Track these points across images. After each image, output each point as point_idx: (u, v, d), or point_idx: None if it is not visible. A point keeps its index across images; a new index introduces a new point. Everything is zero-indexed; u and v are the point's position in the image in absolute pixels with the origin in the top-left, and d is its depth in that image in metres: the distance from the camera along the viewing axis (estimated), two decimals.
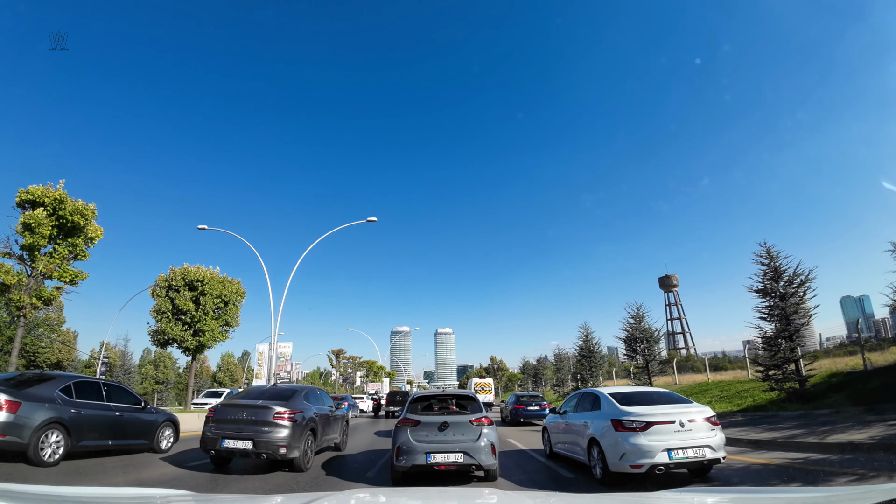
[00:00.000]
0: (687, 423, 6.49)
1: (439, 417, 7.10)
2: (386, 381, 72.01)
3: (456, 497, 3.00)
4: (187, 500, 2.37)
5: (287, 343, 29.84)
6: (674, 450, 6.28)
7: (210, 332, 19.51)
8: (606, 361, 34.80)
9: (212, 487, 6.83)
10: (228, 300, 20.27)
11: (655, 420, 6.48)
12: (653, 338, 24.47)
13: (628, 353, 25.37)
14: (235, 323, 20.70)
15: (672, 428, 6.43)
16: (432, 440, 6.78)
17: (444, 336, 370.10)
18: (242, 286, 21.51)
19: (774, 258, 17.25)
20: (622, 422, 6.65)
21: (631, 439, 6.43)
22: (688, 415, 6.62)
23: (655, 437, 6.39)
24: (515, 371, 74.47)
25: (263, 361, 28.13)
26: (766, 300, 17.28)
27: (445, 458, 6.62)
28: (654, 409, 6.78)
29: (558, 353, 40.73)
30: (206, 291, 19.45)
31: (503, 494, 2.90)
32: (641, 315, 25.14)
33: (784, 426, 12.25)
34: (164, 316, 19.36)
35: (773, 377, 16.64)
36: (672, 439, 6.37)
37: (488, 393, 37.12)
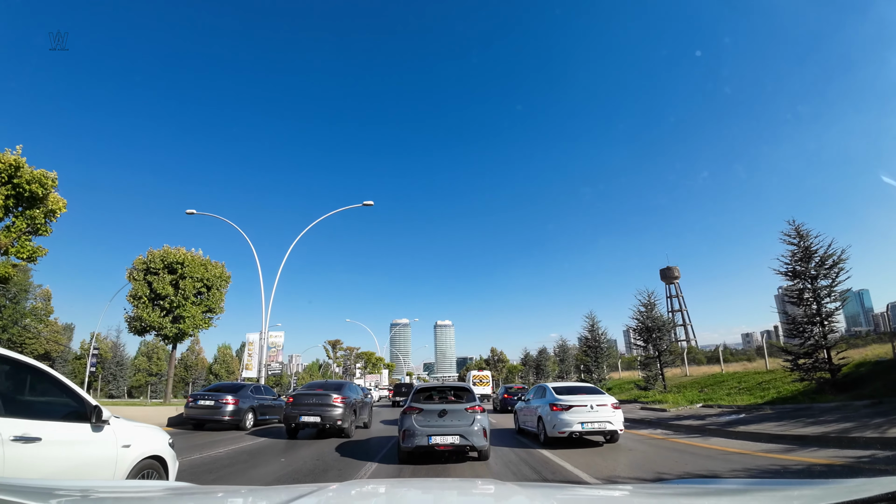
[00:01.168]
0: (596, 407, 9.86)
1: (439, 406, 8.24)
2: (385, 372, 70.86)
3: (454, 486, 3.10)
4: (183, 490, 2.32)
5: (279, 333, 28.29)
6: (585, 422, 9.67)
7: (190, 319, 17.99)
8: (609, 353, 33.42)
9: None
10: (211, 284, 18.73)
11: (574, 404, 9.88)
12: (665, 327, 23.08)
13: (638, 342, 23.97)
14: (219, 309, 19.17)
15: (585, 409, 9.80)
16: (433, 425, 7.91)
17: (444, 328, 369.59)
18: (227, 270, 19.97)
19: (804, 237, 15.81)
20: (555, 405, 10.07)
21: (559, 416, 9.84)
22: (598, 401, 10.00)
23: (574, 414, 9.76)
24: (516, 363, 73.53)
25: (254, 352, 26.63)
26: (795, 283, 15.88)
27: (444, 439, 7.76)
28: (576, 397, 10.18)
29: (562, 344, 39.42)
30: (186, 274, 17.91)
31: (500, 485, 2.87)
32: (653, 303, 23.73)
33: (827, 419, 11.03)
34: (141, 301, 17.86)
35: (803, 366, 15.29)
36: (584, 416, 9.71)
37: (486, 385, 38.47)
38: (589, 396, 10.27)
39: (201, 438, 11.80)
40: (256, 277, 27.73)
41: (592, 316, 32.14)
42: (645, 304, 23.88)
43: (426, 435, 7.82)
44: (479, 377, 40.14)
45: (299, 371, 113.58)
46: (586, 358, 31.04)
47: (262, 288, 27.23)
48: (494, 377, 69.90)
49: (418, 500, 2.35)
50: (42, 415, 3.21)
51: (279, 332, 27.96)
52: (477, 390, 32.45)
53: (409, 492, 2.60)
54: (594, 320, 32.09)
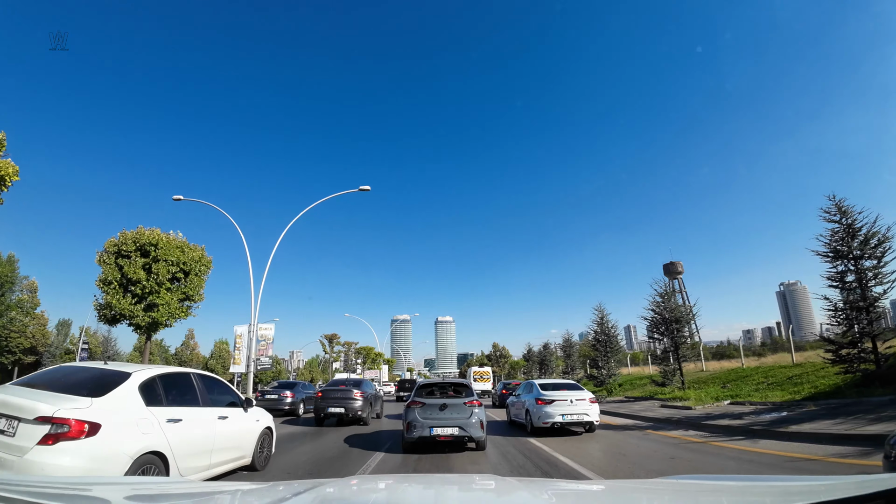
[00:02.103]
0: (575, 401, 11.07)
1: (440, 400, 8.83)
2: (385, 368, 69.08)
3: (455, 481, 3.08)
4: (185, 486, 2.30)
5: (269, 325, 26.34)
6: (566, 414, 10.89)
7: (165, 307, 16.29)
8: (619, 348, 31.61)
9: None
10: (189, 269, 17.01)
11: (556, 398, 11.10)
12: (684, 318, 21.36)
13: (654, 336, 22.25)
14: (198, 297, 17.46)
15: (566, 403, 11.00)
16: (434, 417, 8.48)
17: (445, 324, 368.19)
18: (208, 255, 18.26)
19: (847, 213, 14.13)
20: (540, 399, 11.27)
21: (544, 409, 11.03)
22: (577, 396, 11.25)
23: (556, 407, 10.96)
24: (518, 358, 72.11)
25: (242, 345, 24.93)
26: (836, 264, 14.22)
27: (444, 430, 8.34)
28: (558, 393, 11.37)
29: (567, 339, 37.71)
30: (160, 257, 16.20)
31: (500, 480, 2.70)
32: (670, 292, 22.02)
33: (892, 414, 9.58)
34: (112, 287, 16.19)
35: (846, 357, 13.68)
36: (565, 409, 10.91)
37: (487, 381, 38.89)
38: (569, 392, 11.57)
39: None
40: (249, 268, 26.22)
41: (602, 308, 30.40)
42: (661, 293, 22.16)
43: (428, 427, 8.42)
44: (480, 373, 40.67)
45: (299, 367, 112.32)
46: (595, 352, 29.36)
47: (252, 276, 25.61)
48: (497, 373, 68.80)
49: (419, 495, 2.30)
50: (224, 404, 6.21)
51: (269, 325, 26.12)
52: (478, 386, 31.50)
53: (410, 487, 2.60)
54: (603, 313, 30.37)
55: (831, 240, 14.40)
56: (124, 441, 4.20)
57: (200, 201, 30.35)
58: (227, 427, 6.00)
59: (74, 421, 3.83)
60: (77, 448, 3.80)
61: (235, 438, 6.23)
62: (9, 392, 4.06)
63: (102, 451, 3.96)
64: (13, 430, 3.71)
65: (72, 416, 3.83)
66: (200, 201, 30.35)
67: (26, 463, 3.59)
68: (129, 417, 4.39)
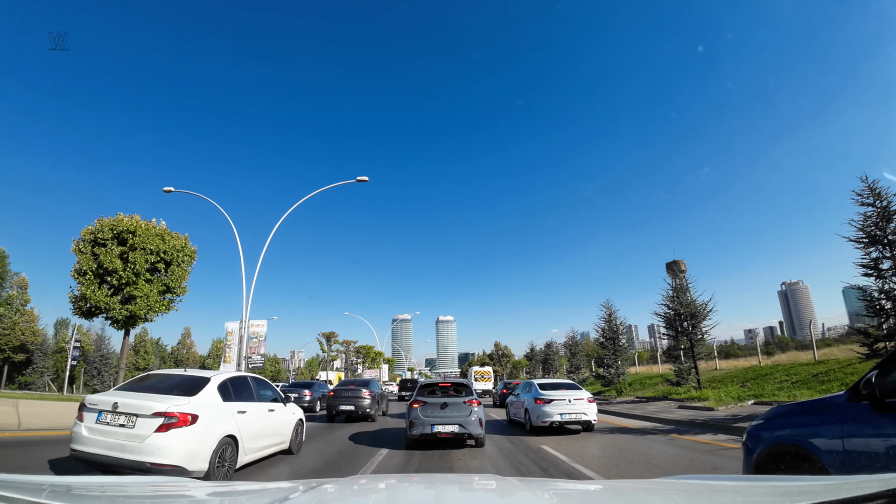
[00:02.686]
0: (573, 400, 11.29)
1: (441, 399, 9.30)
2: (385, 367, 67.83)
3: (456, 481, 3.06)
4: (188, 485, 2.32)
5: (261, 321, 25.02)
6: (564, 413, 11.08)
7: (143, 300, 15.11)
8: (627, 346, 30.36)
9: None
10: (171, 259, 15.82)
11: (555, 398, 11.33)
12: (700, 313, 20.11)
13: (669, 333, 20.99)
14: (180, 290, 16.24)
15: (564, 402, 11.22)
16: (436, 415, 8.98)
17: (446, 324, 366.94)
18: (193, 244, 17.05)
19: (881, 196, 12.92)
20: (538, 398, 11.52)
21: (542, 408, 11.27)
22: (575, 395, 11.46)
23: (554, 407, 11.17)
24: (520, 358, 70.97)
25: (233, 342, 23.80)
26: (871, 251, 13.01)
27: (445, 428, 8.84)
28: (557, 392, 11.61)
29: (572, 336, 36.51)
30: (137, 245, 15.02)
31: (501, 480, 2.72)
32: (686, 286, 20.76)
33: None
34: (87, 278, 15.02)
35: (881, 351, 12.49)
36: (563, 409, 11.13)
37: (487, 381, 39.15)
38: (568, 391, 11.61)
39: None
40: (241, 261, 25.10)
41: (610, 304, 29.17)
42: (675, 287, 20.92)
43: (430, 424, 8.75)
44: (481, 373, 41.09)
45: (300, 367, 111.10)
46: (602, 351, 28.14)
47: (244, 271, 24.51)
48: (499, 372, 67.70)
49: (420, 495, 2.29)
50: (269, 400, 7.60)
51: (261, 322, 24.84)
52: (479, 386, 32.03)
53: (411, 487, 2.59)
54: (611, 309, 29.19)
55: (864, 224, 13.20)
56: (213, 427, 5.68)
57: (191, 192, 29.41)
58: (273, 418, 7.55)
59: (181, 414, 5.27)
60: (183, 433, 5.24)
61: (279, 427, 7.75)
62: (123, 396, 5.46)
63: (199, 435, 5.41)
64: (132, 423, 5.13)
65: (178, 411, 5.28)
66: (191, 192, 29.41)
67: (146, 445, 5.04)
68: (214, 410, 5.86)
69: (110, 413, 5.28)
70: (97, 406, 5.36)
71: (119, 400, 5.32)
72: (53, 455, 6.95)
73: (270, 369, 73.59)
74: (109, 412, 5.29)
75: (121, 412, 5.25)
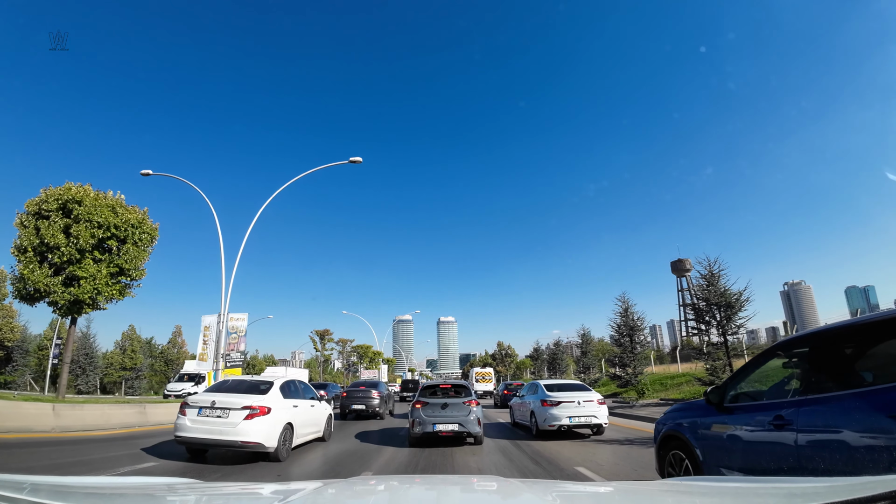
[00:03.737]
0: (583, 402, 10.71)
1: (441, 399, 9.85)
2: (384, 368, 65.19)
3: (458, 482, 3.03)
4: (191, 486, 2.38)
5: (241, 314, 22.33)
6: (573, 416, 10.49)
7: (90, 282, 12.75)
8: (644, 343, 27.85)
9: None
10: (125, 236, 13.46)
11: (563, 400, 10.76)
12: (738, 303, 17.73)
13: (699, 326, 18.59)
14: (137, 273, 13.84)
15: (573, 405, 10.63)
16: (437, 415, 9.51)
17: (447, 324, 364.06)
18: (153, 221, 14.68)
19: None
20: (545, 400, 10.90)
21: (549, 411, 10.65)
22: (585, 397, 10.90)
23: (562, 409, 10.57)
24: (524, 357, 68.64)
25: (210, 337, 21.38)
26: None
27: (446, 427, 9.33)
28: (565, 394, 11.08)
29: (584, 334, 34.08)
30: (82, 217, 12.67)
31: (503, 481, 2.70)
32: (718, 273, 18.39)
33: None
34: (27, 256, 12.70)
35: None
36: (572, 411, 10.54)
37: (489, 382, 39.43)
38: (576, 393, 11.13)
39: None
40: (220, 245, 22.74)
41: (626, 298, 26.80)
42: (706, 275, 18.54)
43: (431, 423, 9.39)
44: (482, 374, 41.13)
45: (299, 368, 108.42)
46: (618, 349, 25.71)
47: (223, 257, 22.18)
48: (502, 373, 65.43)
49: (420, 497, 2.30)
50: (310, 397, 9.62)
51: (241, 315, 22.26)
52: (480, 387, 34.13)
53: (411, 489, 2.58)
54: (628, 303, 26.75)
55: None
56: (279, 416, 7.81)
57: (170, 175, 27.09)
58: (314, 412, 9.61)
59: (260, 407, 7.46)
60: (262, 420, 7.39)
61: (317, 419, 9.81)
62: (216, 396, 7.66)
63: (272, 422, 7.55)
64: (227, 415, 7.28)
65: (259, 404, 7.48)
66: (170, 175, 27.09)
67: (237, 429, 7.17)
68: (279, 404, 7.98)
69: (209, 408, 7.35)
70: (198, 404, 7.47)
71: (215, 398, 7.47)
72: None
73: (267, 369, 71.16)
74: (208, 408, 7.35)
75: (218, 407, 7.33)
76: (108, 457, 7.93)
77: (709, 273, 18.75)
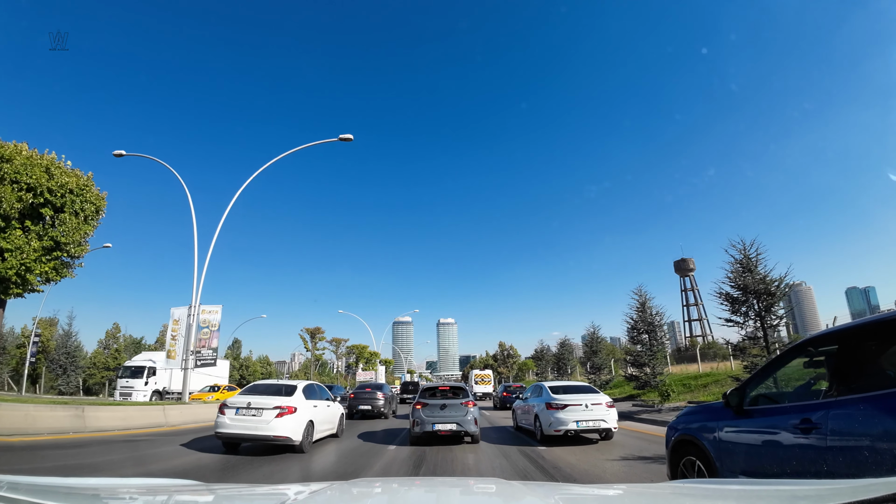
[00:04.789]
0: (591, 405, 10.20)
1: (440, 401, 10.49)
2: (381, 369, 62.68)
3: (458, 485, 3.00)
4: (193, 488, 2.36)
5: (214, 307, 19.46)
6: (580, 421, 10.03)
7: (16, 255, 10.50)
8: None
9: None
10: (62, 204, 11.20)
11: (569, 403, 10.26)
12: (779, 290, 15.52)
13: (732, 319, 16.34)
14: (76, 248, 11.50)
15: (580, 408, 10.15)
16: (436, 415, 10.13)
17: (447, 326, 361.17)
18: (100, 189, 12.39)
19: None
20: (550, 404, 10.44)
21: (555, 414, 10.23)
22: (593, 400, 10.36)
23: (569, 413, 10.12)
24: (527, 358, 66.35)
25: (179, 332, 19.09)
26: None
27: (444, 426, 9.96)
28: (572, 396, 10.54)
29: (592, 332, 31.82)
30: (6, 176, 10.43)
31: (504, 484, 2.74)
32: (756, 258, 16.11)
33: None
34: None
35: None
36: (579, 415, 10.08)
37: (488, 384, 40.08)
38: (584, 395, 10.60)
39: None
40: (193, 228, 20.52)
41: (643, 292, 24.57)
42: (741, 260, 16.31)
43: (431, 423, 9.99)
44: (481, 376, 41.71)
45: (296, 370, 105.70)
46: (636, 347, 23.42)
47: (196, 242, 19.98)
48: (504, 374, 63.21)
49: (421, 499, 2.31)
50: (325, 398, 11.01)
51: (215, 307, 19.67)
52: (479, 389, 37.16)
53: (411, 491, 2.58)
54: (645, 297, 24.52)
55: None
56: (303, 415, 9.20)
57: (144, 156, 24.95)
58: (329, 411, 10.95)
59: (288, 407, 8.84)
60: (290, 418, 8.76)
61: (332, 418, 11.18)
62: (250, 398, 8.97)
63: (298, 419, 8.94)
64: (261, 413, 8.63)
65: (287, 405, 8.88)
66: (144, 156, 24.95)
67: (270, 426, 8.53)
68: (302, 404, 9.31)
69: (245, 409, 8.83)
70: (236, 405, 8.96)
71: (250, 400, 8.95)
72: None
73: (261, 371, 68.54)
74: (244, 408, 8.84)
75: (253, 407, 8.82)
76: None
77: (744, 258, 16.57)
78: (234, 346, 72.08)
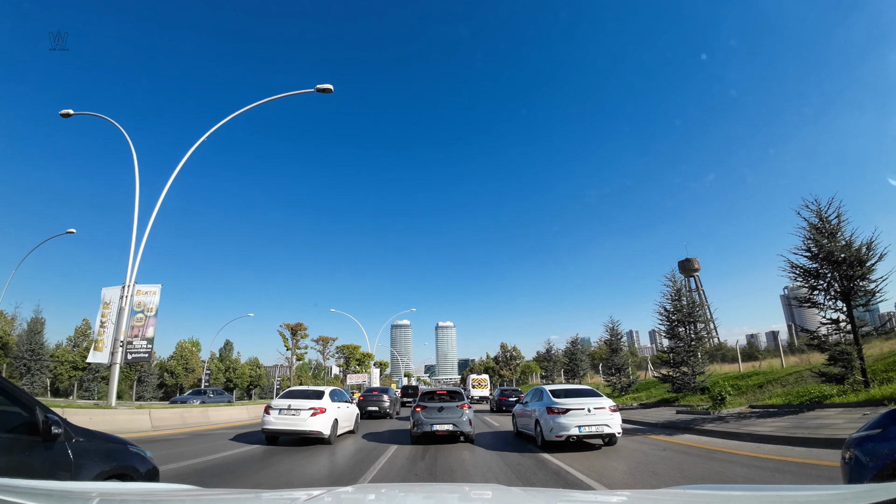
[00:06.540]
0: (594, 410, 9.75)
1: (438, 404, 11.47)
2: (375, 372, 58.60)
3: (456, 490, 3.05)
4: (190, 493, 2.35)
5: (153, 286, 16.00)
6: (583, 426, 9.57)
7: None
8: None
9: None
10: None
11: (572, 407, 9.80)
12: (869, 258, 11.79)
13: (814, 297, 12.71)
14: None
15: (583, 412, 9.71)
16: (434, 417, 11.14)
17: (446, 329, 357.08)
18: None
19: None
20: (552, 408, 9.98)
21: (556, 419, 9.77)
22: (596, 404, 9.89)
23: (571, 418, 9.66)
24: (530, 360, 62.75)
25: (110, 317, 15.33)
26: None
27: (442, 427, 10.93)
28: (574, 400, 10.07)
29: (612, 328, 28.26)
30: None
31: (503, 490, 2.66)
32: (838, 222, 12.49)
33: None
34: None
35: None
36: (582, 420, 9.63)
37: (484, 388, 40.84)
38: (586, 399, 10.15)
39: None
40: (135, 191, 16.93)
41: (676, 278, 21.05)
42: (819, 226, 12.75)
43: (429, 424, 11.01)
44: (479, 380, 42.61)
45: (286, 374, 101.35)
46: (677, 339, 19.70)
47: (137, 208, 16.43)
48: (507, 377, 59.72)
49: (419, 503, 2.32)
50: (345, 400, 13.55)
51: (153, 287, 15.47)
52: (476, 392, 40.23)
53: (409, 496, 2.57)
54: (679, 283, 20.99)
55: None
56: (331, 414, 11.40)
57: (94, 114, 21.54)
58: (348, 411, 13.15)
59: (319, 408, 11.15)
60: (321, 416, 11.04)
61: (350, 417, 13.38)
62: (290, 401, 11.23)
63: (327, 417, 11.19)
64: (298, 413, 10.96)
65: (318, 406, 11.19)
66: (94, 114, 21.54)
67: (306, 423, 10.89)
68: (330, 405, 11.56)
69: (286, 409, 11.08)
70: (279, 406, 11.22)
71: (290, 403, 11.17)
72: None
73: (250, 373, 64.53)
74: (286, 409, 11.09)
75: (292, 408, 11.08)
76: None
77: (821, 223, 12.99)
78: (225, 348, 68.60)
